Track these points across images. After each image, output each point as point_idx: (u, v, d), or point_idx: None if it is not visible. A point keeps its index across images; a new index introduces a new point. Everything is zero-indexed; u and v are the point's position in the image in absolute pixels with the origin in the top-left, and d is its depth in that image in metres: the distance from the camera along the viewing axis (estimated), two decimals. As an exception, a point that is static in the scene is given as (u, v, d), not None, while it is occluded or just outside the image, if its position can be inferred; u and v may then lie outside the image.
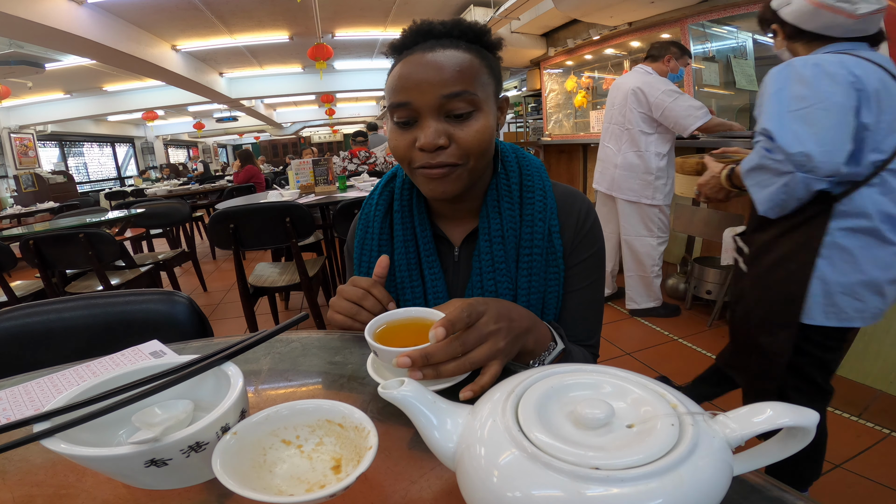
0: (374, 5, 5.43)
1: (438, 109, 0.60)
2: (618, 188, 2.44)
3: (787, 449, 0.30)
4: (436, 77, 0.59)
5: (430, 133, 0.60)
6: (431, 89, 0.59)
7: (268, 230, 2.13)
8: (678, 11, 3.34)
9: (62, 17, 4.07)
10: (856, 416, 1.63)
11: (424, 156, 0.61)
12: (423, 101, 0.59)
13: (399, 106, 0.61)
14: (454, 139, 0.61)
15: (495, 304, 0.49)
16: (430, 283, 0.71)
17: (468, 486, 0.29)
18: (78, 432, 0.35)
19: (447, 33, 0.63)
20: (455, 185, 0.64)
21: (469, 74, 0.60)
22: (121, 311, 0.80)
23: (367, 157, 3.97)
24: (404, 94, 0.60)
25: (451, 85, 0.59)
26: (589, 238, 0.70)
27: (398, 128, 0.63)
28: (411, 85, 0.60)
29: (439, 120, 0.61)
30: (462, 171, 0.63)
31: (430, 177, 0.63)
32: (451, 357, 0.44)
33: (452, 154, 0.61)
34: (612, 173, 2.46)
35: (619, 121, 2.39)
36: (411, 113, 0.61)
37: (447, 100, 0.59)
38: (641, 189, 2.38)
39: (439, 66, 0.59)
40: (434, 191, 0.64)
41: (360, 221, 0.77)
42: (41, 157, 8.54)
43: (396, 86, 0.61)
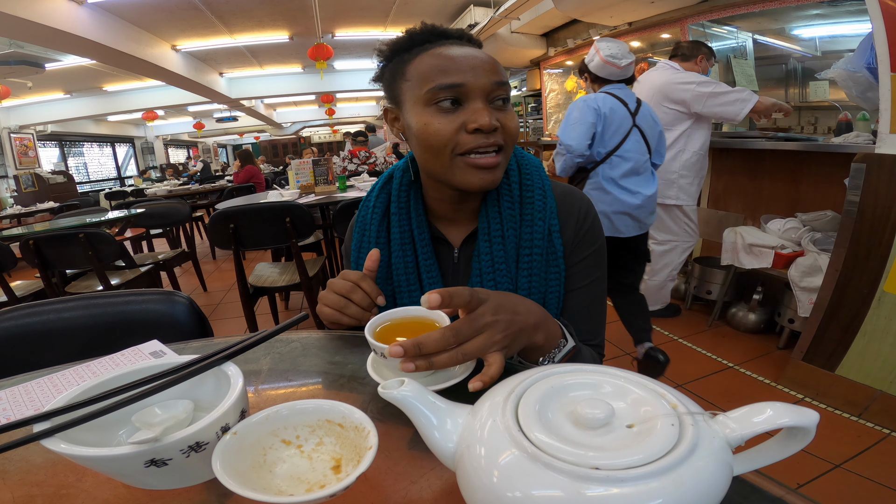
0: (374, 5, 5.43)
1: (489, 94, 0.61)
2: None
3: (787, 449, 0.30)
4: (486, 63, 0.61)
5: (487, 113, 0.60)
6: (485, 74, 0.60)
7: (268, 230, 2.13)
8: (678, 11, 3.34)
9: (62, 17, 4.07)
10: (856, 416, 1.63)
11: (477, 138, 0.60)
12: (477, 82, 0.60)
13: (451, 87, 0.60)
14: (500, 122, 0.62)
15: (497, 296, 0.48)
16: (427, 286, 0.70)
17: (468, 486, 0.29)
18: (78, 432, 0.35)
19: (460, 37, 0.66)
20: (500, 174, 0.65)
21: (502, 70, 0.63)
22: (121, 311, 0.80)
23: (367, 157, 3.97)
24: (458, 76, 0.60)
25: (498, 73, 0.62)
26: (589, 236, 0.70)
27: (441, 111, 0.61)
28: (466, 67, 0.60)
29: (487, 105, 0.62)
30: (504, 159, 0.64)
31: (484, 165, 0.62)
32: (443, 347, 0.43)
33: (500, 138, 0.62)
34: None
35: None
36: (461, 95, 0.60)
37: (497, 87, 0.61)
38: (664, 189, 2.23)
39: (485, 57, 0.62)
40: (484, 179, 0.63)
41: (357, 223, 0.76)
42: (41, 157, 8.54)
43: (447, 67, 0.60)
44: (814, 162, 2.26)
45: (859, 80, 1.76)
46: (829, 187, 2.19)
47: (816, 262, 1.92)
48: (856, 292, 1.63)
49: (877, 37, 1.51)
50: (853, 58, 1.77)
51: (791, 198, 2.40)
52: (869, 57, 1.67)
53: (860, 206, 1.59)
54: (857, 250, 1.62)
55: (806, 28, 2.93)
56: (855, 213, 1.61)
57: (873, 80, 1.66)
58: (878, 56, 1.53)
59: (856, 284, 1.63)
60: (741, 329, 2.37)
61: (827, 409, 1.70)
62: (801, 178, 2.35)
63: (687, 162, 2.24)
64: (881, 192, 1.55)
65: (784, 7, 2.75)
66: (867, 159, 1.57)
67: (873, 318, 1.59)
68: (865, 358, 1.63)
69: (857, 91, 1.80)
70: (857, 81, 1.77)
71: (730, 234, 2.29)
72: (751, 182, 2.55)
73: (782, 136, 2.27)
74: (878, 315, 1.58)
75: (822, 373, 1.74)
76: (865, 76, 1.73)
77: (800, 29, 2.96)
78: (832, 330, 1.71)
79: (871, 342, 1.61)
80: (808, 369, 1.79)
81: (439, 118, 0.61)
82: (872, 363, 1.61)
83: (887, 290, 1.55)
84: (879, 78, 1.54)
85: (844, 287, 1.67)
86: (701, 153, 2.27)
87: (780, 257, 2.08)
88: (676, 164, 2.24)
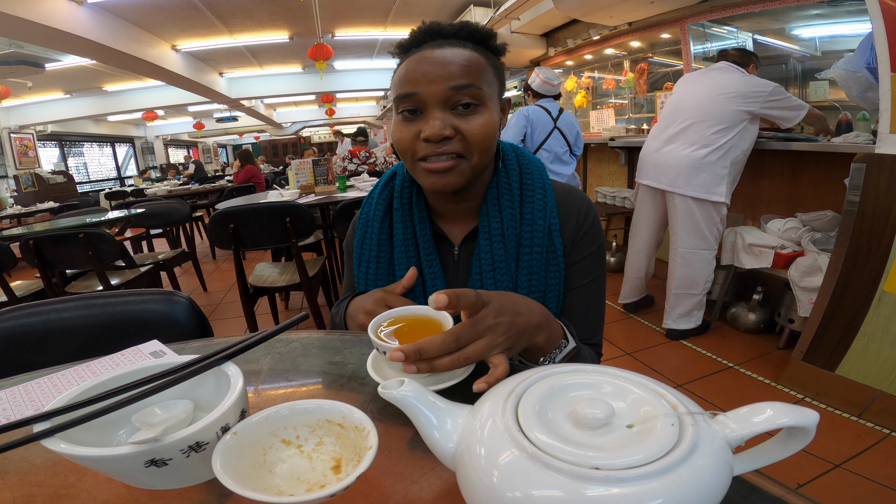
0: (374, 5, 5.43)
1: (445, 101, 0.61)
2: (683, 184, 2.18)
3: (787, 449, 0.30)
4: (443, 69, 0.60)
5: (436, 123, 0.60)
6: (439, 80, 0.60)
7: (268, 230, 2.13)
8: (678, 11, 3.34)
9: (62, 17, 4.07)
10: (856, 416, 1.63)
11: (429, 146, 0.62)
12: (429, 91, 0.60)
13: (405, 97, 0.62)
14: (460, 130, 0.62)
15: (500, 298, 0.48)
16: (429, 281, 0.71)
17: (468, 486, 0.29)
18: (78, 432, 0.35)
19: (455, 34, 0.65)
20: (457, 178, 0.64)
21: (475, 70, 0.62)
22: (121, 311, 0.80)
23: (367, 157, 3.97)
24: (411, 85, 0.61)
25: (458, 77, 0.60)
26: (589, 235, 0.71)
27: (403, 120, 0.64)
28: (419, 76, 0.61)
29: (445, 111, 0.61)
30: (465, 165, 0.64)
31: (433, 170, 0.63)
32: (444, 352, 0.43)
33: (457, 146, 0.62)
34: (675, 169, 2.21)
35: (698, 115, 2.16)
36: (417, 104, 0.62)
37: (454, 91, 0.60)
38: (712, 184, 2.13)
39: (447, 59, 0.61)
40: (436, 184, 0.64)
41: (360, 220, 0.77)
42: (41, 157, 8.54)
43: (404, 78, 0.62)
44: (814, 162, 2.26)
45: (859, 80, 1.76)
46: (829, 187, 2.19)
47: (816, 262, 1.92)
48: (856, 292, 1.63)
49: (877, 37, 1.51)
50: (853, 58, 1.77)
51: (791, 198, 2.40)
52: (869, 57, 1.67)
53: (860, 206, 1.59)
54: (857, 250, 1.62)
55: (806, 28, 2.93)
56: (855, 213, 1.61)
57: (873, 80, 1.66)
58: (878, 56, 1.53)
59: (856, 284, 1.63)
60: (741, 329, 2.36)
61: (827, 409, 1.70)
62: (801, 178, 2.35)
63: (735, 160, 2.14)
64: (881, 192, 1.55)
65: (784, 7, 2.75)
66: (867, 159, 1.57)
67: (873, 318, 1.59)
68: (865, 358, 1.63)
69: (857, 91, 1.80)
70: (857, 81, 1.77)
71: (730, 234, 2.29)
72: (751, 182, 2.55)
73: (782, 136, 2.26)
74: (878, 315, 1.58)
75: (822, 373, 1.74)
76: (865, 76, 1.73)
77: (800, 29, 2.96)
78: (832, 330, 1.71)
79: (871, 342, 1.61)
80: (808, 369, 1.79)
81: (402, 126, 0.64)
82: (872, 363, 1.61)
83: (887, 290, 1.55)
84: (879, 78, 1.54)
85: (844, 287, 1.67)
86: (747, 153, 2.18)
87: (780, 257, 2.08)
88: (727, 160, 2.12)
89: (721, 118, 2.10)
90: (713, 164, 2.12)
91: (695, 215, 2.20)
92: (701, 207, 2.18)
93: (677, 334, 2.36)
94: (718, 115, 2.11)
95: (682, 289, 2.31)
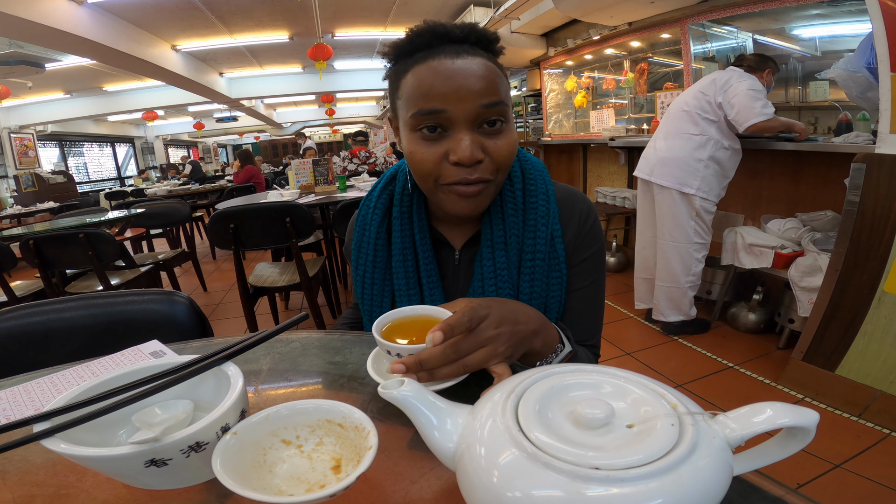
0: (374, 5, 5.43)
1: (475, 120, 0.57)
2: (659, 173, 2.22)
3: (787, 449, 0.30)
4: (475, 84, 0.55)
5: (468, 146, 0.56)
6: (471, 98, 0.55)
7: (268, 230, 2.13)
8: (678, 11, 3.34)
9: (62, 17, 4.07)
10: (856, 416, 1.63)
11: (460, 171, 0.58)
12: (460, 109, 0.56)
13: (430, 113, 0.56)
14: (488, 152, 0.58)
15: (499, 307, 0.48)
16: (427, 291, 0.70)
17: (468, 486, 0.29)
18: (78, 432, 0.35)
19: (464, 38, 0.60)
20: (486, 201, 0.63)
21: (499, 85, 0.58)
22: (121, 311, 0.80)
23: (367, 157, 3.97)
24: (440, 101, 0.56)
25: (489, 94, 0.56)
26: (589, 238, 0.70)
27: (423, 139, 0.58)
28: (449, 91, 0.55)
29: (473, 131, 0.57)
30: (492, 186, 0.62)
31: (465, 194, 0.60)
32: (444, 363, 0.44)
33: (487, 169, 0.59)
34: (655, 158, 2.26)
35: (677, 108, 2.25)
36: (444, 122, 0.57)
37: (486, 109, 0.56)
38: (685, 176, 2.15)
39: (475, 73, 0.56)
40: (466, 209, 0.61)
41: (357, 222, 0.76)
42: (41, 157, 8.53)
43: (427, 91, 0.56)
44: (814, 162, 2.26)
45: (859, 80, 1.76)
46: (829, 187, 2.19)
47: (816, 262, 1.92)
48: (856, 292, 1.63)
49: (877, 37, 1.51)
50: (853, 58, 1.77)
51: (791, 198, 2.40)
52: (869, 57, 1.67)
53: (860, 206, 1.59)
54: (857, 250, 1.62)
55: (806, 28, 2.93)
56: (855, 213, 1.61)
57: (873, 80, 1.66)
58: (878, 56, 1.53)
59: (856, 284, 1.63)
60: (741, 329, 2.36)
61: (827, 409, 1.70)
62: (801, 178, 2.35)
63: (715, 155, 2.14)
64: (881, 192, 1.55)
65: (784, 7, 2.75)
66: (867, 159, 1.57)
67: (873, 318, 1.59)
68: (865, 358, 1.63)
69: (857, 91, 1.79)
70: (857, 81, 1.77)
71: (730, 234, 2.29)
72: (751, 182, 2.55)
73: (782, 136, 2.26)
74: (878, 315, 1.58)
75: (822, 373, 1.74)
76: (865, 76, 1.73)
77: (800, 29, 2.96)
78: (832, 330, 1.71)
79: (871, 342, 1.61)
80: (808, 369, 1.79)
81: (423, 147, 0.59)
82: (872, 363, 1.61)
83: (887, 290, 1.55)
84: (879, 78, 1.54)
85: (844, 287, 1.67)
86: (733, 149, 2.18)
87: (780, 257, 2.08)
88: (703, 153, 2.13)
89: (694, 108, 2.17)
90: (687, 155, 2.16)
91: (670, 206, 2.24)
92: (675, 198, 2.21)
93: (672, 328, 2.37)
94: (692, 105, 2.19)
95: (662, 280, 2.35)
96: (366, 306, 0.74)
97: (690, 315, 2.36)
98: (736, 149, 2.20)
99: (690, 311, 2.35)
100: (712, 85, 2.15)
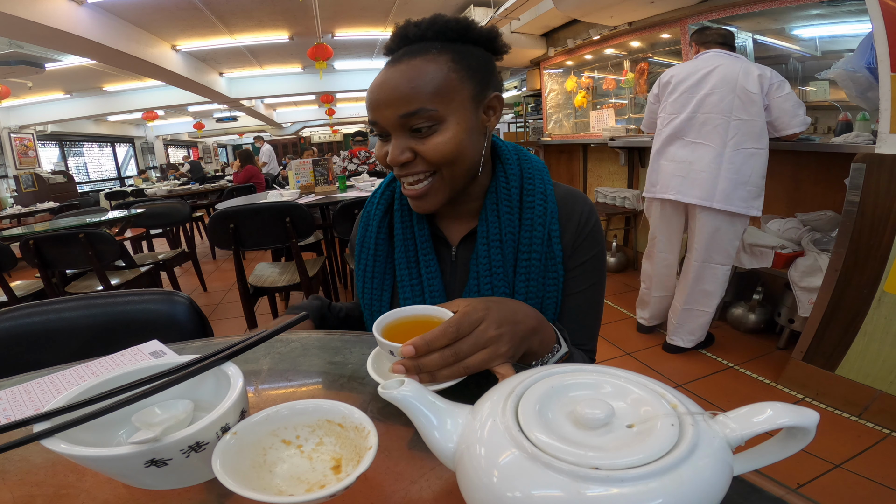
0: (374, 5, 5.43)
1: (401, 127, 0.62)
2: (723, 198, 1.88)
3: (787, 449, 0.30)
4: (390, 97, 0.60)
5: (394, 150, 0.62)
6: (388, 110, 0.61)
7: (268, 230, 2.13)
8: (678, 11, 3.34)
9: (62, 17, 4.07)
10: (856, 416, 1.63)
11: (397, 169, 0.65)
12: (384, 118, 0.62)
13: (372, 122, 0.64)
14: (418, 153, 0.62)
15: (498, 307, 0.48)
16: (427, 282, 0.71)
17: (468, 486, 0.29)
18: (78, 432, 0.35)
19: (421, 36, 0.64)
20: (435, 198, 0.65)
21: (427, 89, 0.59)
22: (121, 311, 0.80)
23: (367, 157, 3.97)
24: (371, 113, 0.63)
25: (405, 104, 0.60)
26: (589, 241, 0.70)
27: (380, 140, 0.67)
28: (374, 105, 0.62)
29: (404, 136, 0.62)
30: (437, 182, 0.64)
31: (410, 195, 0.66)
32: (443, 366, 0.44)
33: (421, 166, 0.63)
34: (715, 179, 1.89)
35: (728, 110, 1.86)
36: (381, 129, 0.64)
37: (404, 119, 0.60)
38: (751, 198, 1.89)
39: (394, 85, 0.60)
40: (417, 207, 0.67)
41: (362, 220, 0.78)
42: (41, 157, 8.53)
43: (367, 102, 0.64)
44: (814, 162, 2.26)
45: (859, 80, 1.76)
46: (829, 187, 2.19)
47: (816, 262, 1.92)
48: (856, 292, 1.63)
49: (877, 37, 1.51)
50: (853, 58, 1.77)
51: (791, 198, 2.40)
52: (869, 57, 1.67)
53: (860, 206, 1.59)
54: (857, 250, 1.62)
55: (806, 28, 2.93)
56: (855, 213, 1.61)
57: (873, 80, 1.66)
58: (878, 56, 1.53)
59: (856, 284, 1.63)
60: (741, 329, 2.36)
61: (827, 409, 1.70)
62: (801, 178, 2.35)
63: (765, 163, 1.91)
64: (881, 192, 1.55)
65: (784, 7, 2.75)
66: (867, 159, 1.57)
67: (873, 318, 1.59)
68: (865, 358, 1.63)
69: (857, 91, 1.79)
70: (857, 81, 1.77)
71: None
72: (751, 182, 2.55)
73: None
74: (878, 315, 1.58)
75: (822, 373, 1.74)
76: (865, 76, 1.72)
77: (800, 29, 2.95)
78: (832, 330, 1.71)
79: (871, 342, 1.61)
80: (808, 369, 1.79)
81: (379, 147, 0.67)
82: (872, 363, 1.61)
83: (887, 290, 1.55)
84: (879, 78, 1.54)
85: (844, 287, 1.67)
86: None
87: (780, 257, 2.08)
88: (765, 169, 1.88)
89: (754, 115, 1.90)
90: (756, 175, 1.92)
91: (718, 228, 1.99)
92: (730, 221, 1.98)
93: (678, 350, 2.22)
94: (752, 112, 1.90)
95: (691, 304, 2.13)
96: (366, 300, 0.75)
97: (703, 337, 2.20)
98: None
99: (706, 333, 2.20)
100: (759, 83, 1.82)
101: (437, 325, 0.51)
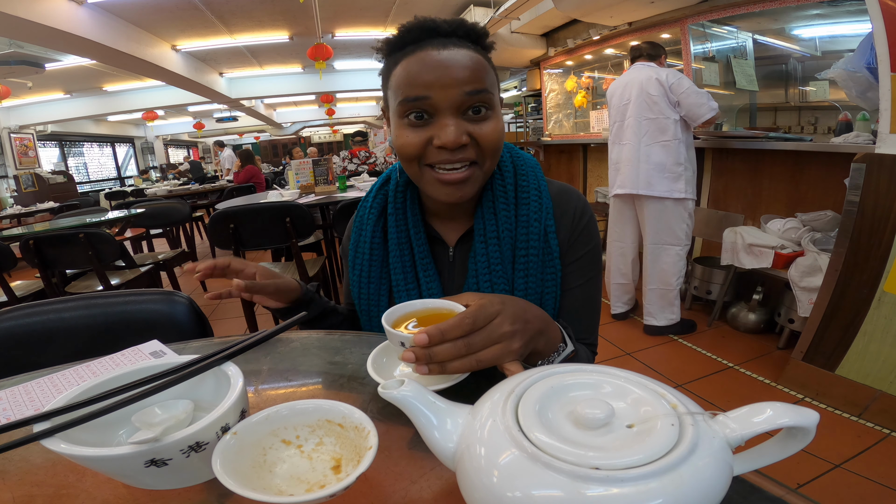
0: (374, 5, 5.43)
1: (459, 106, 0.59)
2: (646, 185, 2.25)
3: (787, 449, 0.30)
4: (459, 73, 0.58)
5: (453, 130, 0.58)
6: (455, 85, 0.58)
7: (268, 230, 2.13)
8: (678, 11, 3.34)
9: (62, 17, 4.07)
10: (856, 416, 1.63)
11: (442, 153, 0.60)
12: (444, 96, 0.58)
13: (416, 100, 0.59)
14: (473, 137, 0.60)
15: (512, 304, 0.48)
16: (425, 285, 0.70)
17: (468, 486, 0.29)
18: (78, 432, 0.35)
19: (453, 32, 0.62)
20: (472, 188, 0.64)
21: (483, 73, 0.60)
22: (121, 311, 0.80)
23: (367, 157, 3.97)
24: (423, 89, 0.58)
25: (473, 82, 0.58)
26: (584, 235, 0.70)
27: (409, 125, 0.61)
28: (432, 79, 0.58)
29: (458, 117, 0.60)
30: (478, 172, 0.63)
31: (450, 181, 0.62)
32: (455, 357, 0.43)
33: (471, 153, 0.61)
34: (636, 171, 2.26)
35: (638, 112, 2.24)
36: (428, 108, 0.59)
37: (469, 97, 0.59)
38: (672, 183, 2.21)
39: (458, 62, 0.58)
40: (452, 195, 0.63)
41: (355, 224, 0.77)
42: (41, 157, 8.53)
43: (413, 80, 0.59)
44: (814, 162, 2.26)
45: (859, 80, 1.76)
46: (829, 187, 2.19)
47: (816, 262, 1.92)
48: (856, 292, 1.63)
49: (877, 37, 1.51)
50: (853, 58, 1.77)
51: (791, 198, 2.40)
52: (869, 57, 1.67)
53: (860, 206, 1.59)
54: (857, 250, 1.62)
55: (806, 28, 2.93)
56: (855, 213, 1.61)
57: (873, 80, 1.66)
58: (878, 56, 1.53)
59: (856, 284, 1.63)
60: (741, 329, 2.36)
61: (827, 409, 1.70)
62: (801, 178, 2.35)
63: (688, 154, 2.21)
64: (881, 192, 1.55)
65: (784, 7, 2.75)
66: (867, 159, 1.57)
67: (873, 318, 1.59)
68: (865, 358, 1.63)
69: (857, 91, 1.79)
70: (857, 81, 1.77)
71: (730, 234, 2.29)
72: (751, 182, 2.55)
73: (772, 136, 2.27)
74: (878, 315, 1.58)
75: (822, 373, 1.74)
76: (865, 76, 1.73)
77: (800, 29, 2.96)
78: (832, 330, 1.71)
79: (871, 342, 1.61)
80: (808, 369, 1.79)
81: (409, 131, 0.61)
82: (872, 363, 1.61)
83: (887, 290, 1.55)
84: (879, 78, 1.54)
85: (844, 287, 1.67)
86: (692, 145, 2.26)
87: (780, 257, 2.08)
88: (681, 157, 2.19)
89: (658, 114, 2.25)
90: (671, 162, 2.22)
91: (662, 214, 2.29)
92: (668, 206, 2.27)
93: (657, 330, 2.43)
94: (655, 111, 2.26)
95: (654, 284, 2.39)
96: (363, 305, 0.74)
97: (678, 316, 2.41)
98: (692, 143, 2.29)
99: (678, 312, 2.41)
100: (659, 85, 2.17)
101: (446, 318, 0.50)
